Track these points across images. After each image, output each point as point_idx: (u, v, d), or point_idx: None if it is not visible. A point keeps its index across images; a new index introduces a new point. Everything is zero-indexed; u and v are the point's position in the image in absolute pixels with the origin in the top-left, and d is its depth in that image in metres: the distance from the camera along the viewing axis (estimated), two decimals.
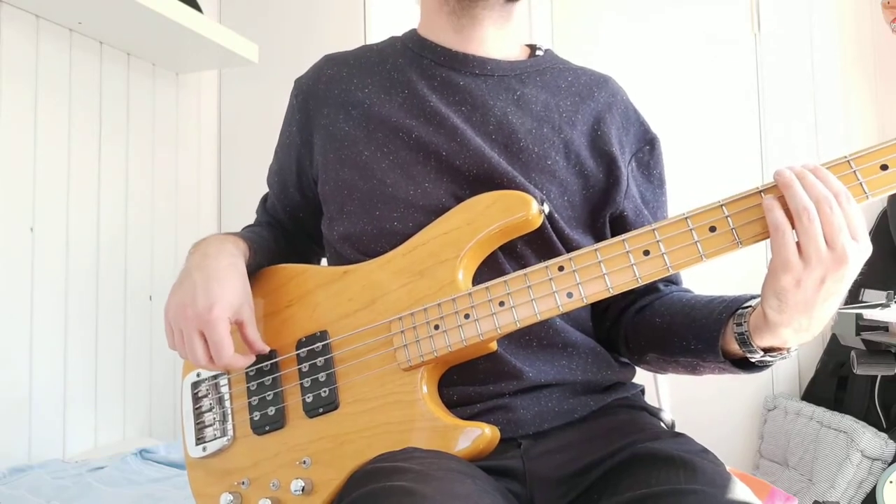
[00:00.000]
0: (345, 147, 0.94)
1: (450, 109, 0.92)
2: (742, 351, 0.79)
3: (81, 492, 1.34)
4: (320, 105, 0.98)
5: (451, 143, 0.90)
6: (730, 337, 0.80)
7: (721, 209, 0.76)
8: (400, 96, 0.95)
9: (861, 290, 2.12)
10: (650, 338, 0.92)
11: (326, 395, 0.86)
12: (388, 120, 0.93)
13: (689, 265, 0.77)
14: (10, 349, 1.51)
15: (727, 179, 2.46)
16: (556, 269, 0.80)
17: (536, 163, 0.91)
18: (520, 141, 0.91)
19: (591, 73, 1.02)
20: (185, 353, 0.87)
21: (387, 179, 0.91)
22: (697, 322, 0.85)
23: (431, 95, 0.93)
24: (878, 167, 0.72)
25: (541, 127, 0.93)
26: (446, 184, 0.90)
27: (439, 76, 0.95)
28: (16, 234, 1.53)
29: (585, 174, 0.93)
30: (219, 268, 0.89)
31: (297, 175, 1.03)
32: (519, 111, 0.93)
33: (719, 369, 0.85)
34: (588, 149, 0.94)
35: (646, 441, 0.80)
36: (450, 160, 0.90)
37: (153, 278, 1.88)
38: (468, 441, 0.80)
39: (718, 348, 0.81)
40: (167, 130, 1.98)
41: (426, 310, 0.83)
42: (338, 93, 0.97)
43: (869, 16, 2.48)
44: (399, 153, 0.92)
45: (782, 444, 2.31)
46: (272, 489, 0.85)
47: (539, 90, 0.96)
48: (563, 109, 0.95)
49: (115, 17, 1.62)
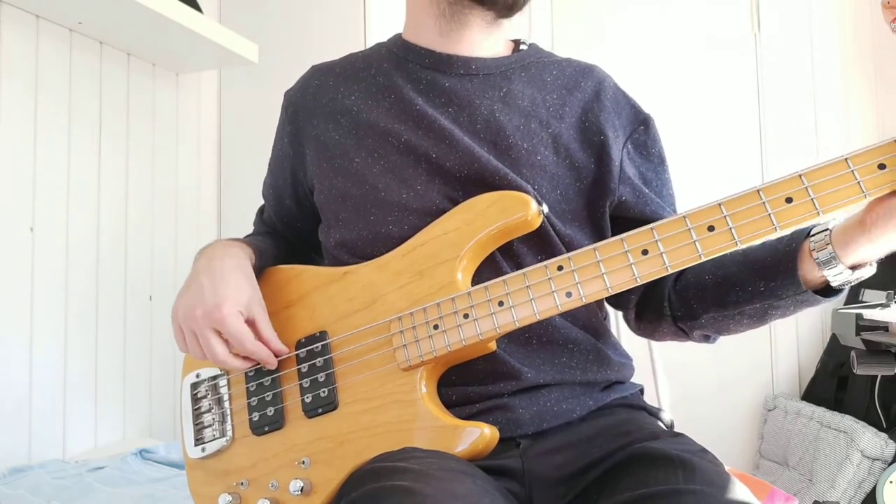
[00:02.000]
0: (336, 156, 0.95)
1: (437, 112, 0.93)
2: (822, 275, 0.78)
3: (81, 492, 1.34)
4: (309, 116, 0.99)
5: (441, 144, 0.91)
6: (807, 265, 0.79)
7: (719, 208, 0.76)
8: (387, 101, 0.95)
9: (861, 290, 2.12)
10: (704, 298, 0.90)
11: (325, 396, 0.86)
12: (377, 125, 0.94)
13: (687, 264, 0.77)
14: (10, 349, 1.51)
15: (727, 179, 2.46)
16: (556, 268, 0.80)
17: (526, 159, 0.91)
18: (508, 138, 0.91)
19: (575, 63, 1.02)
20: (202, 353, 0.87)
21: (379, 184, 0.91)
22: (761, 262, 0.84)
23: (418, 98, 0.94)
24: (876, 166, 0.72)
25: (528, 122, 0.93)
26: (438, 185, 0.90)
27: (425, 79, 0.95)
28: (16, 234, 1.53)
29: (576, 166, 0.93)
30: (224, 269, 0.90)
31: (293, 186, 1.04)
32: (506, 108, 0.93)
33: (796, 304, 0.83)
34: (577, 141, 0.94)
35: (644, 441, 0.80)
36: (440, 162, 0.90)
37: (153, 278, 1.87)
38: (467, 441, 0.80)
39: (798, 277, 0.80)
40: (167, 130, 1.98)
41: (425, 310, 0.83)
42: (325, 102, 0.99)
43: (869, 16, 2.47)
44: (389, 158, 0.92)
45: (782, 444, 2.31)
46: (271, 489, 0.85)
47: (525, 85, 0.96)
48: (549, 103, 0.95)
49: (115, 17, 1.62)
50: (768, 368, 2.51)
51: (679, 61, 2.60)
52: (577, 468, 0.81)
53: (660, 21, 2.64)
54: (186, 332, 0.88)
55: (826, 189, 0.73)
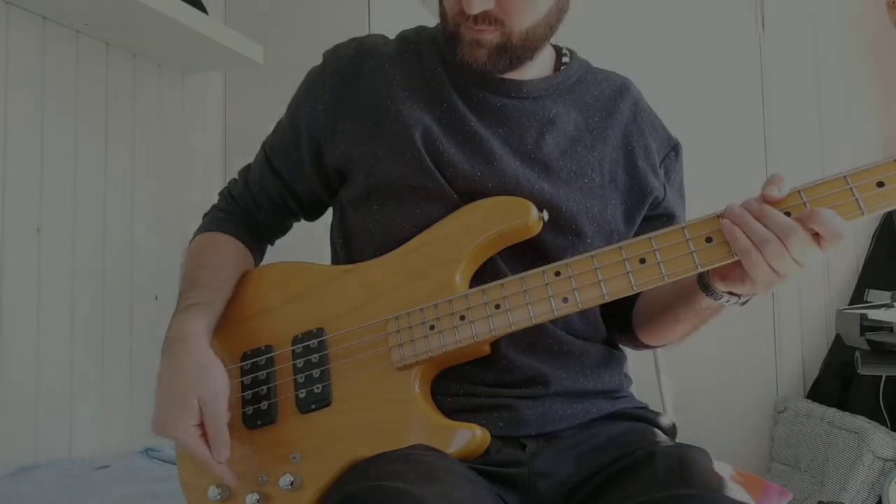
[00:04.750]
0: (382, 144, 0.93)
1: (488, 131, 0.93)
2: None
3: (88, 490, 1.36)
4: (360, 97, 0.96)
5: (488, 165, 0.91)
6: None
7: (718, 220, 0.77)
8: (438, 109, 0.94)
9: (866, 291, 2.11)
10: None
11: (319, 392, 0.87)
12: (429, 128, 0.92)
13: (684, 274, 0.78)
14: (17, 348, 1.52)
15: (730, 179, 2.45)
16: (553, 273, 0.81)
17: (575, 181, 0.92)
18: (558, 160, 0.93)
19: (611, 80, 1.03)
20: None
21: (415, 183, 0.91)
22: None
23: (469, 115, 0.93)
24: (875, 184, 0.73)
25: (574, 146, 0.95)
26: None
27: (476, 96, 0.95)
28: (22, 234, 1.54)
29: (620, 189, 0.96)
30: (178, 385, 0.88)
31: (315, 154, 1.00)
32: (554, 131, 0.94)
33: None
34: (621, 164, 0.96)
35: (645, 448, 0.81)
36: (483, 182, 0.90)
37: (159, 278, 1.89)
38: (459, 442, 0.81)
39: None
40: (173, 131, 1.99)
41: (422, 310, 0.84)
42: (379, 86, 0.96)
43: (873, 16, 2.46)
44: (429, 162, 0.91)
45: (793, 446, 2.29)
46: (261, 483, 0.86)
47: (570, 108, 0.97)
48: (592, 126, 0.97)
49: (121, 18, 1.63)
50: (773, 369, 2.51)
51: (683, 60, 2.59)
52: (578, 480, 0.83)
53: (664, 20, 2.63)
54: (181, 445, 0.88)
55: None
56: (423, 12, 2.27)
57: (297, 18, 2.08)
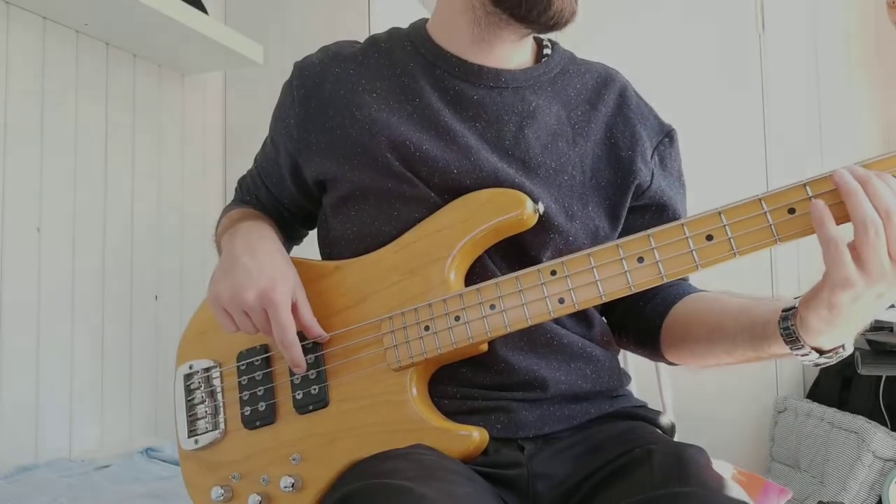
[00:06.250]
0: (350, 153, 0.91)
1: (464, 126, 0.90)
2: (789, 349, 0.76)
3: (88, 490, 1.35)
4: (324, 107, 0.94)
5: (464, 161, 0.88)
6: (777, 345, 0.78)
7: (719, 217, 0.74)
8: (409, 105, 0.92)
9: None
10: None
11: (317, 393, 0.87)
12: (396, 129, 0.89)
13: (683, 273, 0.76)
14: (17, 348, 1.52)
15: (731, 180, 2.45)
16: (549, 273, 0.80)
17: (554, 178, 0.90)
18: (537, 157, 0.90)
19: (596, 71, 1.00)
20: (255, 330, 0.86)
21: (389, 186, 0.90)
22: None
23: (444, 109, 0.91)
24: None
25: (555, 141, 0.91)
26: (449, 201, 0.88)
27: (452, 88, 0.92)
28: (22, 234, 1.54)
29: (602, 185, 0.93)
30: (266, 251, 0.89)
31: (293, 169, 1.00)
32: (534, 125, 0.91)
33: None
34: (604, 160, 0.93)
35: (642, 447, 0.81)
36: (460, 178, 0.87)
37: (159, 278, 1.89)
38: (458, 443, 0.80)
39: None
40: (173, 131, 1.99)
41: (417, 310, 0.83)
42: (343, 93, 0.94)
43: (874, 16, 2.46)
44: (400, 165, 0.89)
45: (793, 446, 2.29)
46: (262, 484, 0.86)
47: (551, 101, 0.94)
48: (574, 120, 0.94)
49: (121, 18, 1.63)
50: (772, 369, 2.50)
51: (684, 61, 2.58)
52: (576, 480, 0.82)
53: (664, 21, 2.63)
54: (236, 313, 0.85)
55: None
56: (423, 12, 2.27)
57: (297, 18, 2.08)
